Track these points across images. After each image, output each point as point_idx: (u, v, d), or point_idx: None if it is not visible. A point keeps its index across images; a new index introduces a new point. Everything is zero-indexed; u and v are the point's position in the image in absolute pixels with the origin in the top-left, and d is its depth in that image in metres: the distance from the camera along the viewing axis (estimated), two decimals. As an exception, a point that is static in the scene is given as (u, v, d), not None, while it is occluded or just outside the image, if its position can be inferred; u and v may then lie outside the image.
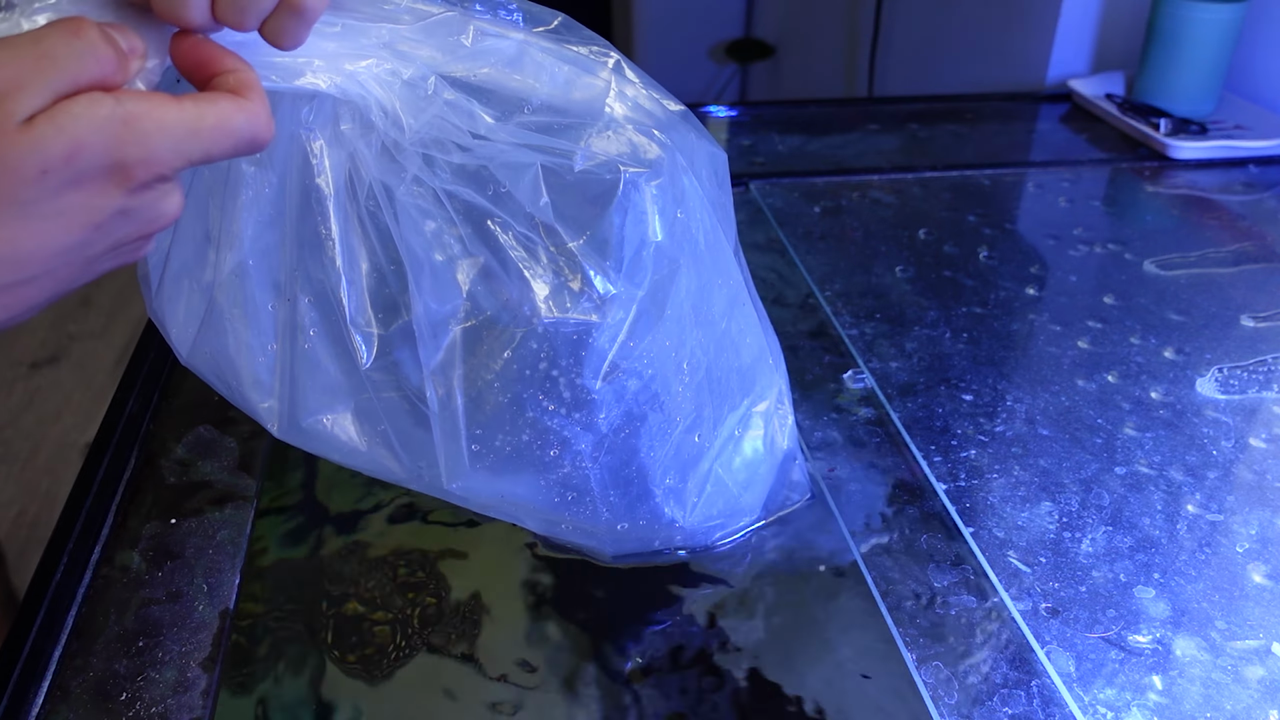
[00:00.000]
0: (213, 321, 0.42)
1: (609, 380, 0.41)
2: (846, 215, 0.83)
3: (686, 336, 0.43)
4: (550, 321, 0.39)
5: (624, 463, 0.44)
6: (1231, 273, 0.75)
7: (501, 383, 0.40)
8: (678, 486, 0.46)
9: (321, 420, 0.43)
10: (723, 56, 2.13)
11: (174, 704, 0.42)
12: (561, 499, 0.44)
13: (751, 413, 0.47)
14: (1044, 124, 1.03)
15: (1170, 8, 0.95)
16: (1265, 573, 0.49)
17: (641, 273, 0.40)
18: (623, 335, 0.41)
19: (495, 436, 0.42)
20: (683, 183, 0.41)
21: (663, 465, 0.44)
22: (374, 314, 0.41)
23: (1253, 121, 0.97)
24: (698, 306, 0.43)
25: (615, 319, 0.40)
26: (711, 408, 0.45)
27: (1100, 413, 0.60)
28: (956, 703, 0.42)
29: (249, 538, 0.50)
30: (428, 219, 0.38)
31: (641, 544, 0.48)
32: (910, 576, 0.48)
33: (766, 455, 0.49)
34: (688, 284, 0.42)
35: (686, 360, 0.43)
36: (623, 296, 0.40)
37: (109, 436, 0.55)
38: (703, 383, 0.44)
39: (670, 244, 0.41)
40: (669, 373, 0.42)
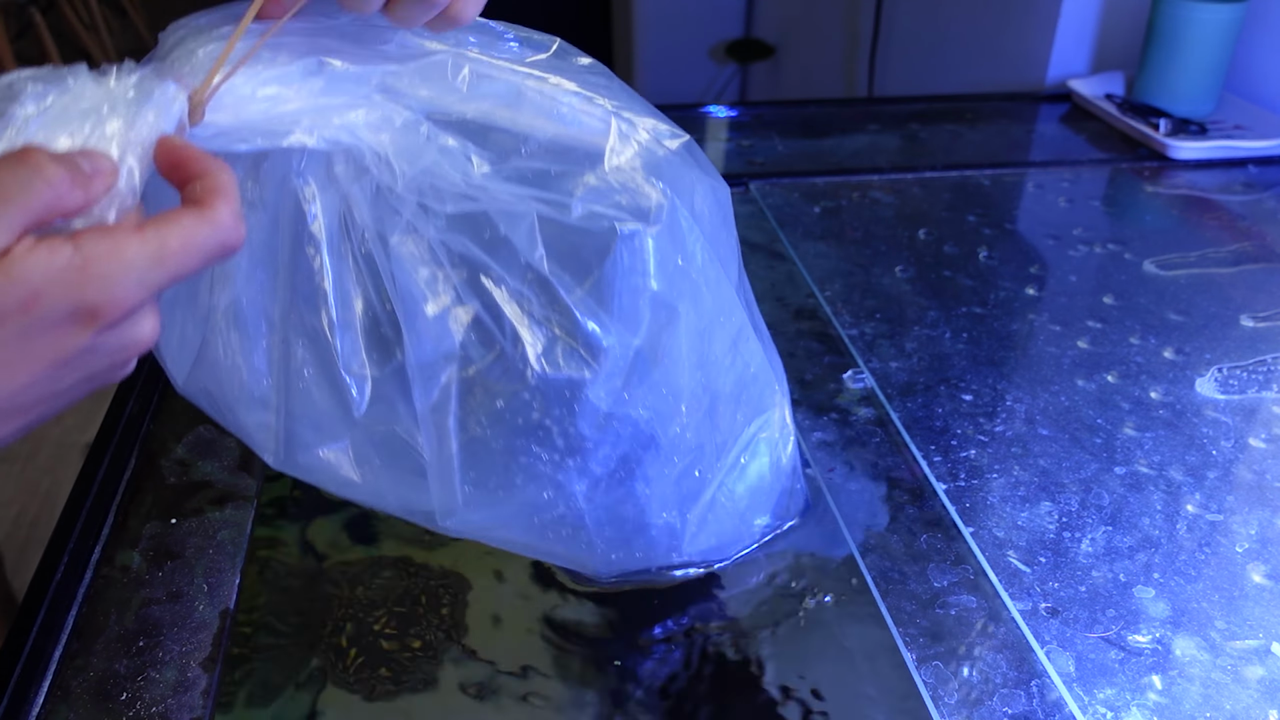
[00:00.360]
0: (208, 355, 0.42)
1: (603, 429, 0.41)
2: (846, 215, 0.83)
3: (686, 380, 0.43)
4: (542, 375, 0.39)
5: (619, 501, 0.43)
6: (1231, 273, 0.75)
7: (494, 430, 0.40)
8: (675, 520, 0.45)
9: (317, 454, 0.42)
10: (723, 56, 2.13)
11: (174, 704, 0.42)
12: (556, 535, 0.44)
13: (757, 438, 0.47)
14: (1044, 124, 1.03)
15: (1170, 8, 0.95)
16: (1265, 573, 0.49)
17: (638, 322, 0.40)
18: (618, 385, 0.40)
19: (489, 479, 0.41)
20: (682, 227, 0.41)
21: (660, 501, 0.44)
22: (368, 356, 0.40)
23: (1252, 121, 0.97)
24: (698, 348, 0.43)
25: (610, 370, 0.40)
26: (713, 442, 0.45)
27: (1100, 413, 0.60)
28: (956, 703, 0.42)
29: (249, 538, 0.50)
30: (421, 266, 0.38)
31: (637, 566, 0.48)
32: (910, 576, 0.48)
33: (772, 476, 0.48)
34: (687, 328, 0.42)
35: (685, 403, 0.43)
36: (618, 348, 0.40)
37: (109, 436, 0.55)
38: (704, 420, 0.44)
39: (668, 291, 0.41)
40: (667, 416, 0.42)
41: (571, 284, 0.39)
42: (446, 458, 0.40)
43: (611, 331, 0.39)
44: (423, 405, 0.40)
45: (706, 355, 0.44)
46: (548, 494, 0.42)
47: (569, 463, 0.41)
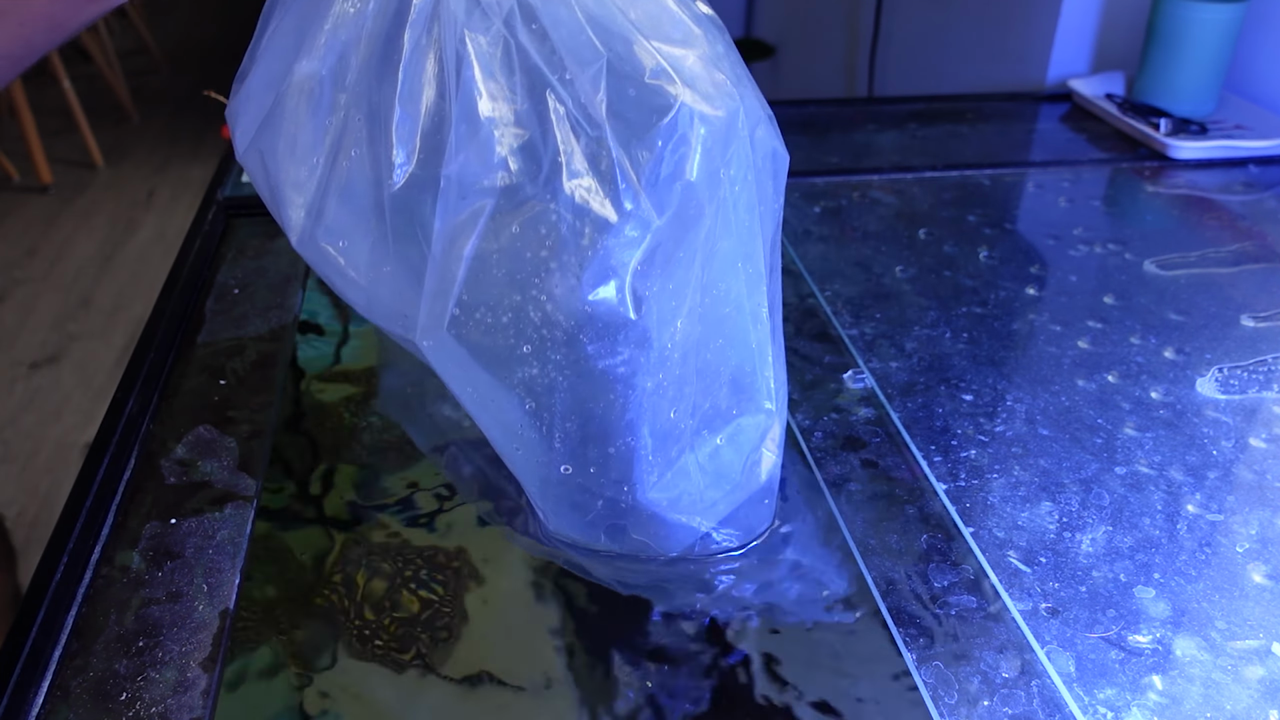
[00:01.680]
0: (273, 121, 0.43)
1: (600, 290, 0.40)
2: (846, 215, 0.83)
3: (689, 294, 0.42)
4: (567, 204, 0.39)
5: (591, 395, 0.43)
6: (1231, 273, 0.75)
7: (500, 255, 0.40)
8: (639, 449, 0.44)
9: (337, 243, 0.44)
10: (723, 56, 2.12)
11: (174, 704, 0.42)
12: (519, 407, 0.43)
13: (743, 429, 0.47)
14: (1044, 124, 1.03)
15: (1170, 8, 0.95)
16: (1265, 573, 0.49)
17: (667, 203, 0.40)
18: (630, 254, 0.40)
19: (479, 307, 0.41)
20: (739, 136, 0.41)
21: (630, 416, 0.43)
22: (420, 145, 0.41)
23: (1253, 121, 0.97)
24: (709, 268, 0.42)
25: (628, 234, 0.40)
26: (696, 390, 0.44)
27: (1100, 413, 0.60)
28: (956, 703, 0.42)
29: (249, 538, 0.50)
30: (491, 80, 0.39)
31: (576, 509, 0.47)
32: (910, 576, 0.48)
33: (742, 477, 0.48)
34: (708, 239, 0.42)
35: (683, 319, 0.42)
36: (642, 216, 0.39)
37: (109, 436, 0.55)
38: (691, 355, 0.43)
39: (704, 189, 0.40)
40: (665, 319, 0.42)
41: (621, 140, 0.39)
42: (450, 271, 0.40)
43: (642, 198, 0.39)
44: (448, 219, 0.40)
45: (714, 286, 0.43)
46: (527, 347, 0.42)
47: (558, 318, 0.41)
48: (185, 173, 2.94)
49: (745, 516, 0.49)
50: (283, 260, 0.74)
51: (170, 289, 0.69)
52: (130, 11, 3.68)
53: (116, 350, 2.08)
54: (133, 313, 2.24)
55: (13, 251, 2.49)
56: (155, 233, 2.61)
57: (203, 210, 0.80)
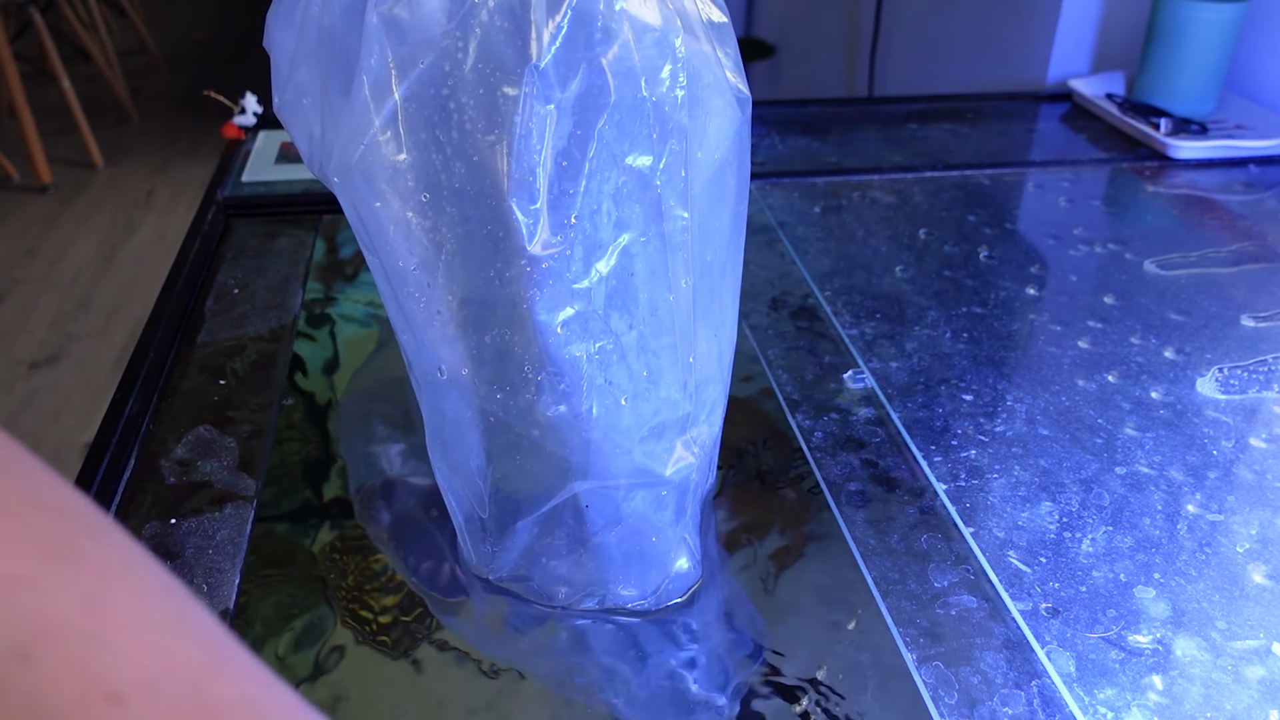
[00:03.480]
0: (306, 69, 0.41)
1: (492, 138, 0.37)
2: (846, 215, 0.83)
3: (601, 197, 0.39)
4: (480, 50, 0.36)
5: (478, 262, 0.39)
6: (1231, 273, 0.75)
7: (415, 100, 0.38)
8: (534, 341, 0.40)
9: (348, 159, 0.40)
10: (723, 56, 2.12)
11: (174, 704, 0.42)
12: (409, 252, 0.39)
13: (654, 396, 0.42)
14: (1044, 124, 1.03)
15: (1170, 8, 0.95)
16: (1265, 573, 0.49)
17: (570, 78, 0.37)
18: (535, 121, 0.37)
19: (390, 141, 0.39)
20: (671, 66, 0.38)
21: (525, 292, 0.39)
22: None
23: (1253, 121, 0.97)
24: (622, 182, 0.39)
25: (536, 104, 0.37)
26: (602, 313, 0.40)
27: (1100, 413, 0.60)
28: (956, 703, 0.42)
29: (249, 538, 0.50)
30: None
31: (513, 456, 0.43)
32: (910, 576, 0.48)
33: (642, 455, 0.43)
34: (618, 140, 0.38)
35: (583, 215, 0.38)
36: (546, 80, 0.36)
37: (109, 436, 0.55)
38: (602, 279, 0.39)
39: (619, 81, 0.37)
40: (569, 207, 0.38)
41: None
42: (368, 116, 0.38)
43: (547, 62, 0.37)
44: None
45: (629, 205, 0.39)
46: (426, 195, 0.38)
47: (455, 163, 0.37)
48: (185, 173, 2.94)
49: (652, 551, 0.46)
50: (283, 260, 0.74)
51: (170, 289, 0.69)
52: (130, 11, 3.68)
53: (116, 350, 2.08)
54: (133, 313, 2.24)
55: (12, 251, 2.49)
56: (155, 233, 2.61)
57: (203, 210, 0.80)
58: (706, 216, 0.42)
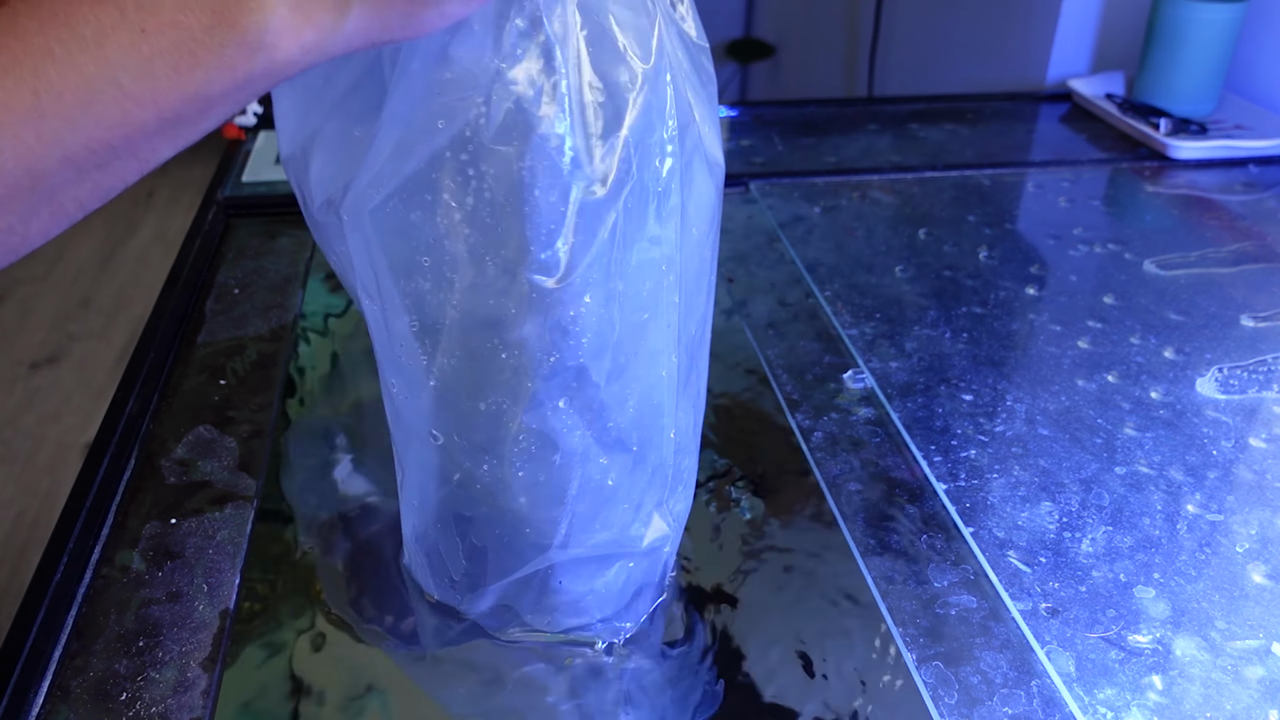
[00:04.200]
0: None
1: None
2: (846, 215, 0.83)
3: (608, 268, 0.37)
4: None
5: (479, 326, 0.38)
6: (1231, 273, 0.75)
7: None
8: (510, 414, 0.39)
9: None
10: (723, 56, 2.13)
11: (174, 704, 0.42)
12: (405, 323, 0.38)
13: (635, 464, 0.41)
14: (1044, 124, 1.03)
15: (1170, 8, 0.95)
16: (1265, 573, 0.49)
17: (607, 160, 0.36)
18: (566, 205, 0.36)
19: (396, 196, 0.38)
20: (659, 130, 0.37)
21: (516, 373, 0.38)
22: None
23: (1253, 121, 0.97)
24: (630, 253, 0.37)
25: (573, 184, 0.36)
26: (600, 390, 0.39)
27: (1100, 413, 0.60)
28: (956, 703, 0.42)
29: (249, 538, 0.50)
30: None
31: (437, 562, 0.43)
32: (910, 576, 0.48)
33: (618, 531, 0.43)
34: (630, 214, 0.37)
35: (593, 292, 0.37)
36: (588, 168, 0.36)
37: (109, 436, 0.55)
38: (605, 348, 0.38)
39: (634, 151, 0.36)
40: (579, 285, 0.37)
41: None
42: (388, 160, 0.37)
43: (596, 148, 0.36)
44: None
45: (635, 276, 0.39)
46: (427, 260, 0.37)
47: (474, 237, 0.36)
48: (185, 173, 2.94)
49: (624, 596, 0.45)
50: (283, 260, 0.74)
51: (170, 289, 0.69)
52: (130, 11, 3.67)
53: (116, 350, 2.08)
54: (133, 313, 2.24)
55: (13, 251, 2.48)
56: (155, 233, 2.61)
57: (203, 210, 0.80)
58: (692, 292, 0.41)
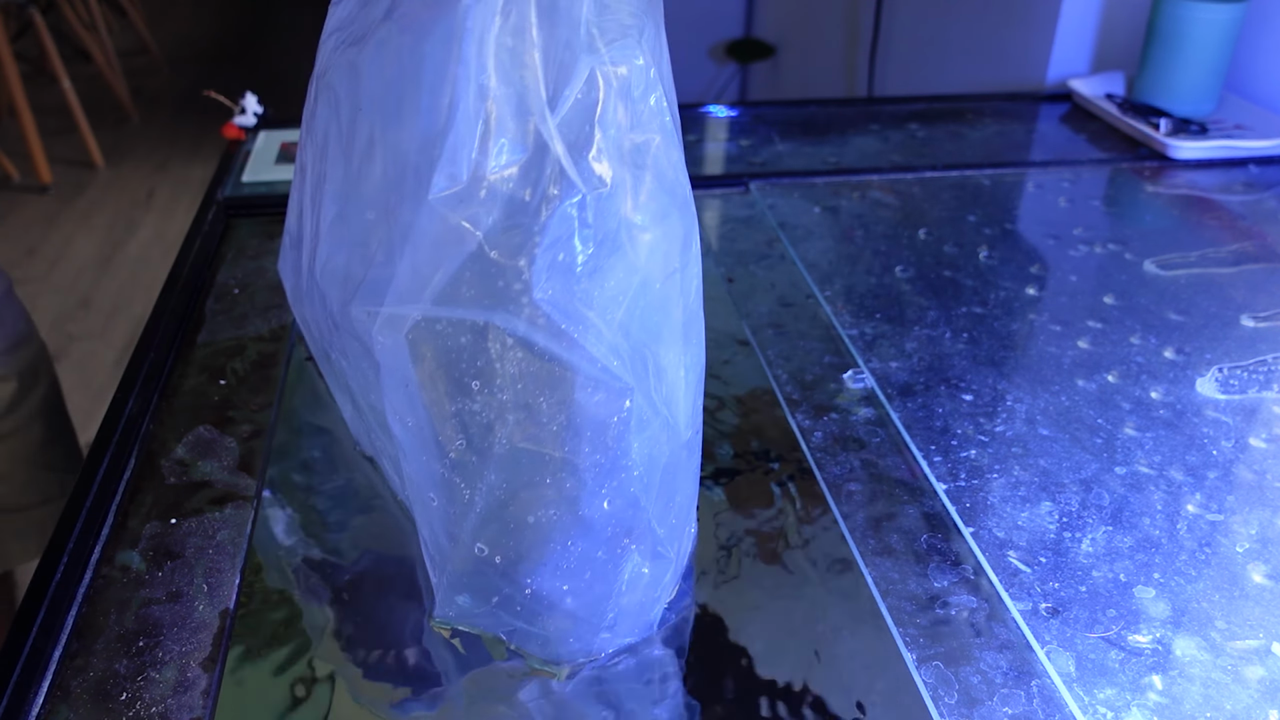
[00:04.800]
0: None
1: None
2: (846, 215, 0.83)
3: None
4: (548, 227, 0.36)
5: (528, 444, 0.38)
6: (1231, 273, 0.75)
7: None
8: (559, 528, 0.39)
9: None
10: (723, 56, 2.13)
11: (174, 704, 0.42)
12: (447, 446, 0.38)
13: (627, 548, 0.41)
14: (1044, 124, 1.03)
15: (1170, 8, 0.95)
16: (1265, 573, 0.49)
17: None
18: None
19: (440, 319, 0.38)
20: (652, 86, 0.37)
21: (563, 492, 0.38)
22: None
23: (1253, 121, 0.97)
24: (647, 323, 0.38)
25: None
26: (637, 481, 0.39)
27: (1100, 413, 0.60)
28: (956, 703, 0.42)
29: (249, 538, 0.50)
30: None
31: (476, 592, 0.42)
32: (910, 576, 0.48)
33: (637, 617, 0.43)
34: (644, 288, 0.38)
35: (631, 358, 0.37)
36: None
37: (109, 436, 0.55)
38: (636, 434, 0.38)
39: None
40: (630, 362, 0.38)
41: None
42: (423, 278, 0.37)
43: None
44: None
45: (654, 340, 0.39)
46: (476, 383, 0.37)
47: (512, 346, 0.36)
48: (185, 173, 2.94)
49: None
50: (283, 260, 0.74)
51: (170, 289, 0.69)
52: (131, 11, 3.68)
53: (116, 350, 2.08)
54: (133, 313, 2.24)
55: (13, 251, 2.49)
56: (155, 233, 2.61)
57: (203, 210, 0.80)
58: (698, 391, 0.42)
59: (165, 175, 2.93)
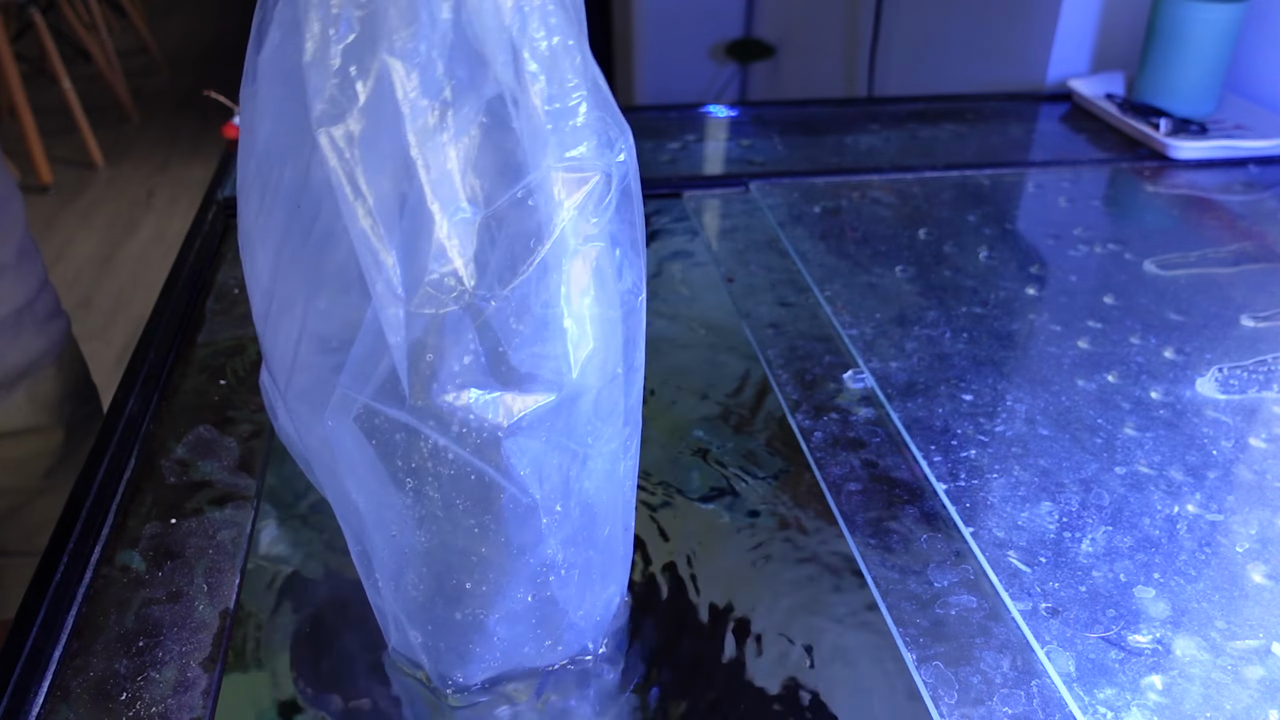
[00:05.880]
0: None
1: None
2: (846, 215, 0.83)
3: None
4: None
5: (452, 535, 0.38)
6: (1231, 273, 0.75)
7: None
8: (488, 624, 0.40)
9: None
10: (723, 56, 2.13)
11: (174, 704, 0.42)
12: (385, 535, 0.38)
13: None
14: (1044, 124, 1.03)
15: (1170, 8, 0.95)
16: (1265, 573, 0.49)
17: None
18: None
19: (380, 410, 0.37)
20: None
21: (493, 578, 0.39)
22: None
23: (1253, 121, 0.97)
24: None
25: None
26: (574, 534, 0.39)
27: (1100, 413, 0.60)
28: (956, 703, 0.42)
29: (249, 538, 0.50)
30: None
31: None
32: (910, 576, 0.48)
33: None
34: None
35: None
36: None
37: (109, 436, 0.55)
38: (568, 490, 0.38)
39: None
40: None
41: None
42: (375, 360, 0.36)
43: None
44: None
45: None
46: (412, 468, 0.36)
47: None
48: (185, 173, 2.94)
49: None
50: (283, 260, 0.74)
51: (170, 289, 0.69)
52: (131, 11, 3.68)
53: (116, 350, 2.08)
54: (133, 313, 2.24)
55: (13, 251, 2.49)
56: (155, 233, 2.61)
57: (203, 210, 0.80)
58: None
59: (165, 175, 2.93)
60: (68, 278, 2.39)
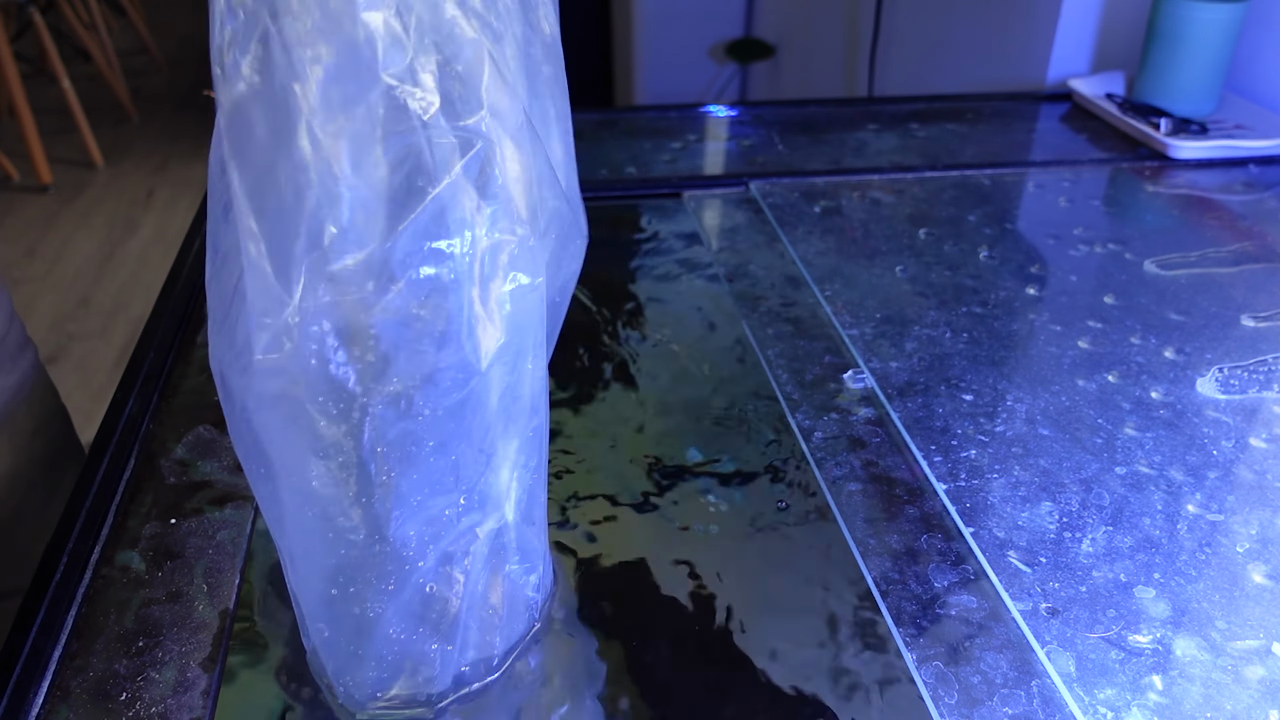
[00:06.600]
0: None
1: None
2: (846, 215, 0.83)
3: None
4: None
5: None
6: (1231, 273, 0.75)
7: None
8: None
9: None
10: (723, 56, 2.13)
11: (174, 704, 0.42)
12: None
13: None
14: (1044, 124, 1.03)
15: (1170, 8, 0.95)
16: (1265, 573, 0.49)
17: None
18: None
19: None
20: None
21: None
22: None
23: (1253, 121, 0.97)
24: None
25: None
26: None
27: (1100, 413, 0.60)
28: (956, 703, 0.42)
29: (249, 538, 0.50)
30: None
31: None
32: (910, 576, 0.48)
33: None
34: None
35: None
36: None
37: (109, 436, 0.55)
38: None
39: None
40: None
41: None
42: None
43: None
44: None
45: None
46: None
47: None
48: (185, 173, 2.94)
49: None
50: (283, 260, 0.74)
51: (170, 289, 0.69)
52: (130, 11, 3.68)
53: (116, 350, 2.08)
54: (133, 313, 2.24)
55: (13, 251, 2.49)
56: (155, 233, 2.62)
57: (203, 210, 0.80)
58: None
59: (165, 175, 2.93)
60: (68, 278, 2.39)
